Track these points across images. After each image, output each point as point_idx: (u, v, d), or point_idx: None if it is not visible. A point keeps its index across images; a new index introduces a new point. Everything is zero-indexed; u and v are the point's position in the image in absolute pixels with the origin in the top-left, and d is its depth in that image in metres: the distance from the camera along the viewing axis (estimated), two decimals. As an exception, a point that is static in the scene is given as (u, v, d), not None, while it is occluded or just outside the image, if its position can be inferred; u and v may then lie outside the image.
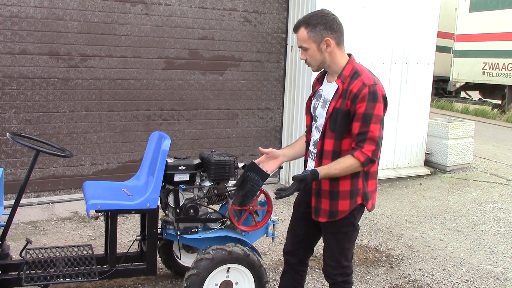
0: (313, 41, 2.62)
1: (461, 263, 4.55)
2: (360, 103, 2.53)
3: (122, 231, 4.89)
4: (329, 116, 2.63)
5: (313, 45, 2.62)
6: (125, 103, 5.82)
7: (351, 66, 2.66)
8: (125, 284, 3.84)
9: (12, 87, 5.26)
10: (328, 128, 2.64)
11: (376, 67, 6.74)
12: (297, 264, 3.03)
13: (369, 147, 2.54)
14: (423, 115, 7.40)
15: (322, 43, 2.62)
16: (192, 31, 6.05)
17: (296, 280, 3.07)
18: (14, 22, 5.18)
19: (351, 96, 2.56)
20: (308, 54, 2.65)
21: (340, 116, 2.59)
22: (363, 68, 2.67)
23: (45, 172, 5.53)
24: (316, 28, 2.61)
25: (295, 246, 3.00)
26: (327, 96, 2.71)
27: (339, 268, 2.79)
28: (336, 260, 2.78)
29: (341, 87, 2.62)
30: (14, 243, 4.40)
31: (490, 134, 10.83)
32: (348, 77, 2.62)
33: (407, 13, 6.96)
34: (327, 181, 2.67)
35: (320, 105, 2.74)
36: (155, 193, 3.19)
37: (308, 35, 2.61)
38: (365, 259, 4.56)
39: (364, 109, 2.53)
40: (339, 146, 2.63)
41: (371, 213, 5.73)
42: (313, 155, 2.80)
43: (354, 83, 2.57)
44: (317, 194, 2.73)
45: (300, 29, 2.63)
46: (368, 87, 2.54)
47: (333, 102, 2.63)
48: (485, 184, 7.10)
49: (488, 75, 14.14)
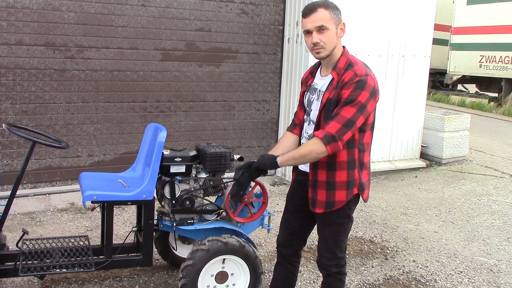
0: (334, 22, 2.58)
1: (455, 255, 4.59)
2: (346, 89, 2.54)
3: (118, 222, 4.90)
4: (323, 106, 2.64)
5: (333, 27, 2.58)
6: (122, 95, 5.82)
7: (346, 58, 2.66)
8: (121, 275, 3.86)
9: (8, 78, 5.26)
10: (323, 119, 2.64)
11: (372, 59, 6.75)
12: (291, 255, 3.05)
13: (334, 124, 2.51)
14: (419, 107, 7.42)
15: (338, 27, 2.61)
16: (189, 22, 6.04)
17: (290, 271, 3.09)
18: (10, 12, 5.16)
19: (341, 84, 2.58)
20: (327, 36, 2.57)
21: (332, 106, 2.60)
22: (356, 60, 2.67)
23: (42, 163, 5.53)
24: (336, 11, 2.60)
25: (288, 238, 3.02)
26: (322, 88, 2.72)
27: (333, 259, 2.80)
28: (331, 252, 2.79)
29: (336, 79, 2.62)
30: (10, 234, 4.41)
31: (486, 127, 10.87)
32: (342, 69, 2.63)
33: (404, 5, 6.95)
34: (324, 172, 2.67)
35: (316, 98, 2.75)
36: (151, 185, 3.21)
37: (330, 15, 2.56)
38: (360, 250, 4.59)
39: (348, 94, 2.53)
40: None
41: (367, 205, 5.77)
42: None
43: (347, 73, 2.58)
44: (314, 185, 2.74)
45: (320, 9, 2.56)
46: (359, 77, 2.54)
47: (326, 93, 2.64)
48: (480, 176, 7.14)
49: (485, 68, 14.16)
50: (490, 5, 13.78)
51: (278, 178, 6.59)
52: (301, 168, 2.88)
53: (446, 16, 14.72)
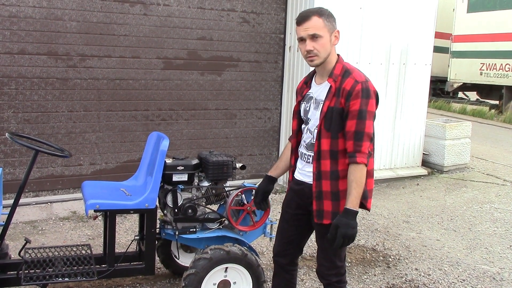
0: (327, 30, 2.60)
1: (458, 263, 4.58)
2: (354, 100, 2.54)
3: (121, 231, 4.90)
4: (324, 116, 2.63)
5: (327, 34, 2.60)
6: (124, 103, 5.83)
7: (341, 65, 2.67)
8: (123, 283, 3.86)
9: (11, 87, 5.28)
10: (324, 127, 2.63)
11: (373, 67, 6.77)
12: (288, 264, 3.02)
13: (366, 144, 2.57)
14: (421, 115, 7.42)
15: (332, 35, 2.64)
16: (190, 31, 6.07)
17: (288, 280, 3.07)
18: (12, 22, 5.19)
19: (344, 94, 2.57)
20: (320, 43, 2.59)
21: (335, 115, 2.60)
22: (352, 67, 2.69)
23: (44, 172, 5.54)
24: (330, 18, 2.62)
25: (284, 247, 2.99)
26: (319, 97, 2.71)
27: (333, 268, 2.79)
28: (331, 261, 2.78)
29: (334, 86, 2.62)
30: (13, 243, 4.41)
31: (488, 135, 10.87)
32: (339, 75, 2.63)
33: (405, 13, 6.98)
34: (328, 182, 2.65)
35: (313, 107, 2.73)
36: (154, 193, 3.21)
37: (324, 23, 2.58)
38: (362, 259, 4.59)
39: (358, 106, 2.54)
40: (336, 145, 2.63)
41: (368, 213, 5.76)
42: (308, 157, 2.77)
43: (347, 81, 2.59)
44: (318, 196, 2.70)
45: (313, 17, 2.58)
46: (361, 83, 2.55)
47: (327, 102, 2.63)
48: (482, 184, 7.13)
49: (486, 75, 14.18)
50: (490, 13, 13.83)
51: (280, 186, 6.60)
52: (298, 178, 2.85)
53: (446, 24, 14.77)
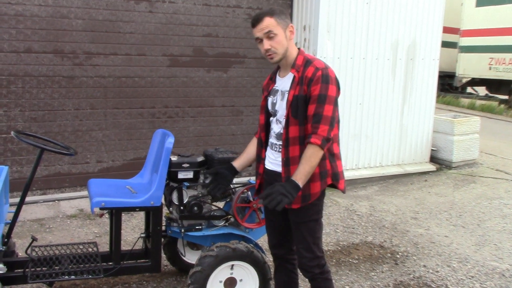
0: (281, 27, 2.72)
1: (466, 259, 4.54)
2: (315, 85, 2.65)
3: (127, 229, 4.91)
4: (290, 104, 2.73)
5: (281, 31, 2.72)
6: (130, 101, 5.83)
7: (302, 56, 2.79)
8: (130, 281, 3.86)
9: (18, 86, 5.29)
10: (291, 115, 2.72)
11: (380, 63, 6.72)
12: (286, 254, 3.06)
13: (324, 127, 2.63)
14: (429, 111, 7.37)
15: (287, 30, 2.75)
16: (196, 28, 6.06)
17: (290, 270, 3.10)
18: (19, 20, 5.20)
19: (306, 81, 2.69)
20: (276, 41, 2.71)
21: (300, 102, 2.69)
22: (313, 57, 2.82)
23: (51, 170, 5.56)
24: (282, 16, 2.74)
25: (278, 238, 3.04)
26: (284, 88, 2.81)
27: (314, 259, 2.83)
28: (311, 251, 2.82)
29: (297, 76, 2.74)
30: (20, 241, 4.43)
31: (497, 130, 10.78)
32: (301, 66, 2.75)
33: (412, 8, 6.92)
34: (296, 167, 2.68)
35: (279, 99, 2.83)
36: (159, 191, 3.21)
37: (276, 22, 2.70)
38: (369, 255, 4.56)
39: (318, 91, 2.64)
40: (303, 131, 2.71)
41: (376, 209, 5.73)
42: (277, 146, 2.84)
43: (308, 69, 2.71)
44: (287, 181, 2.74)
45: (265, 18, 2.70)
46: (321, 70, 2.67)
47: (291, 91, 2.74)
48: (491, 180, 7.07)
49: (495, 70, 14.07)
50: (499, 7, 13.70)
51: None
52: (269, 168, 2.90)
53: (454, 18, 14.63)
